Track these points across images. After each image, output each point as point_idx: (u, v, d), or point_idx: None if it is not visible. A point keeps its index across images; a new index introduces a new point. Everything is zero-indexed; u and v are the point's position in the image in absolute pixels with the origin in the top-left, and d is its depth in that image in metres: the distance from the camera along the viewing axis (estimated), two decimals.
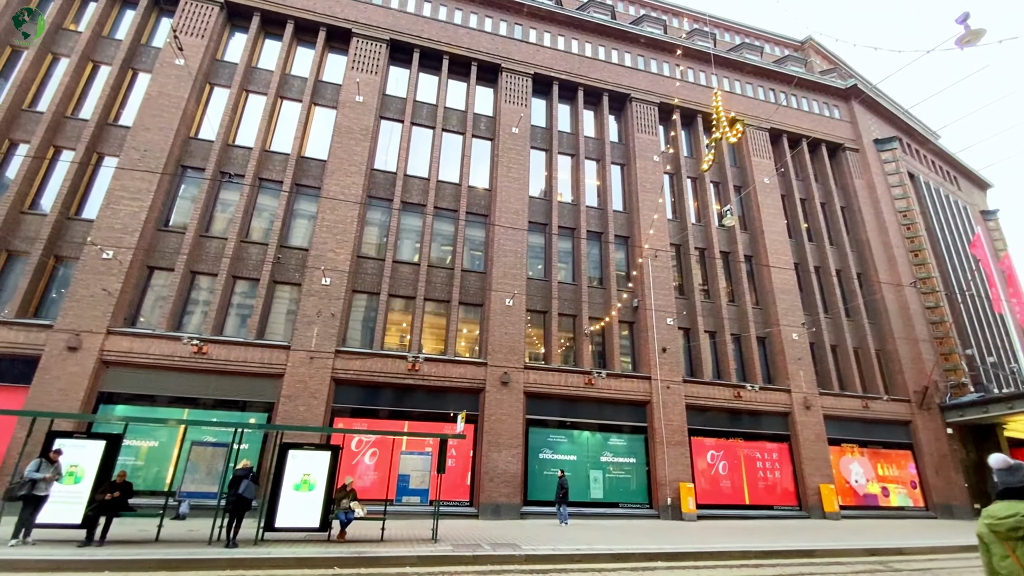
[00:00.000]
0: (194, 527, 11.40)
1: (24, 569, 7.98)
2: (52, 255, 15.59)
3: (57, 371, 14.04)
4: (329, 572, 8.63)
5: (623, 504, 17.47)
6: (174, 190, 17.31)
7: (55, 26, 17.89)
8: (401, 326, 17.93)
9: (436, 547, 10.45)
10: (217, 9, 19.17)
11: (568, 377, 18.04)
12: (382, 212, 18.99)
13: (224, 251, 16.65)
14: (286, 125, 19.13)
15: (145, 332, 15.12)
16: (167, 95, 17.61)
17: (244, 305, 16.77)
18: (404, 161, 19.51)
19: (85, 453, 10.22)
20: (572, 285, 19.97)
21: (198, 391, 15.22)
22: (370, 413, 16.46)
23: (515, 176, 20.23)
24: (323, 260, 16.96)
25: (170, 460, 14.05)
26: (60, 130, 16.94)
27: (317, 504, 10.83)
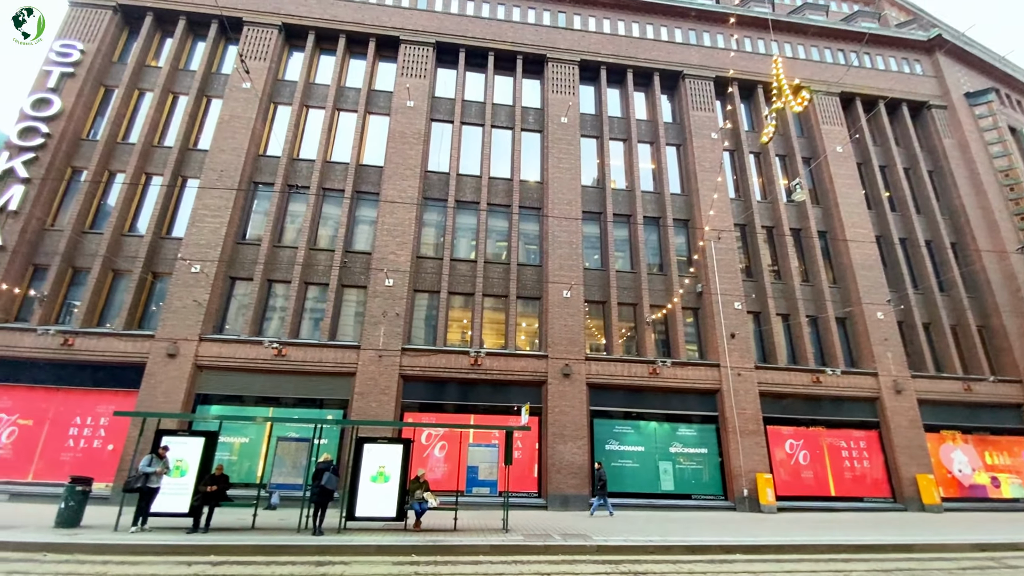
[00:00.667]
0: (284, 516, 12.31)
1: (144, 553, 8.97)
2: (150, 271, 17.28)
3: (160, 376, 15.59)
4: (407, 560, 9.04)
5: (696, 496, 16.97)
6: (248, 205, 18.62)
7: (139, 64, 19.71)
8: (462, 322, 18.34)
9: (508, 537, 10.66)
10: (276, 32, 20.36)
11: (631, 367, 17.73)
12: (437, 212, 19.47)
13: (295, 259, 17.73)
14: (344, 135, 20.03)
15: (231, 338, 16.44)
16: (237, 117, 18.95)
17: (316, 309, 17.79)
18: (456, 161, 19.87)
19: (188, 449, 11.30)
20: (631, 273, 19.56)
21: (280, 391, 16.37)
22: (437, 407, 16.99)
23: (566, 166, 20.05)
24: (385, 262, 17.65)
25: (260, 455, 15.24)
26: (149, 158, 18.69)
27: (393, 495, 11.36)
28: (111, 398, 15.55)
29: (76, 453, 15.13)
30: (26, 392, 15.53)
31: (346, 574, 7.95)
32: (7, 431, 15.09)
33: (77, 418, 15.44)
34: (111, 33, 19.71)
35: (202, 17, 20.38)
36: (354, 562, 8.76)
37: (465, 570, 8.40)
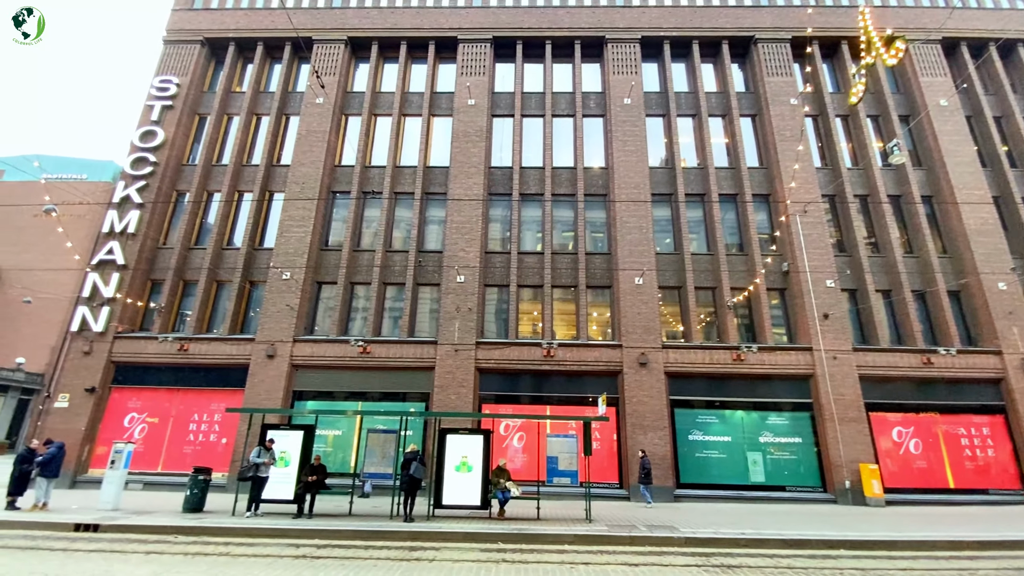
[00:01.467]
0: (377, 504, 13.04)
1: (258, 536, 9.87)
2: (247, 280, 18.88)
3: (261, 375, 17.03)
4: (494, 547, 9.25)
5: (791, 488, 15.95)
6: (329, 213, 19.79)
7: (225, 91, 21.50)
8: (532, 315, 18.41)
9: (591, 527, 10.61)
10: (343, 46, 21.39)
11: (713, 354, 16.93)
12: (502, 207, 19.63)
13: (374, 262, 18.63)
14: (411, 140, 20.70)
15: (321, 338, 17.61)
16: (313, 132, 20.18)
17: (395, 308, 18.61)
18: (518, 154, 19.90)
19: (289, 441, 12.27)
20: (707, 255, 18.65)
21: (366, 385, 17.31)
22: (513, 399, 17.21)
23: (632, 148, 19.44)
24: (456, 260, 18.08)
25: (352, 446, 16.24)
26: (240, 177, 20.38)
27: (476, 484, 11.66)
28: (222, 396, 17.22)
29: (196, 446, 16.93)
30: (152, 393, 17.58)
31: (437, 559, 8.27)
32: (139, 428, 17.18)
33: (195, 415, 17.26)
34: (200, 65, 21.66)
35: (276, 41, 21.86)
36: (444, 548, 9.11)
37: (551, 559, 8.46)
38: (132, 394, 17.56)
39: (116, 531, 9.90)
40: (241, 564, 7.75)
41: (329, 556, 8.34)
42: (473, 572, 7.52)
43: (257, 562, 7.89)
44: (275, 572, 7.28)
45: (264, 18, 22.07)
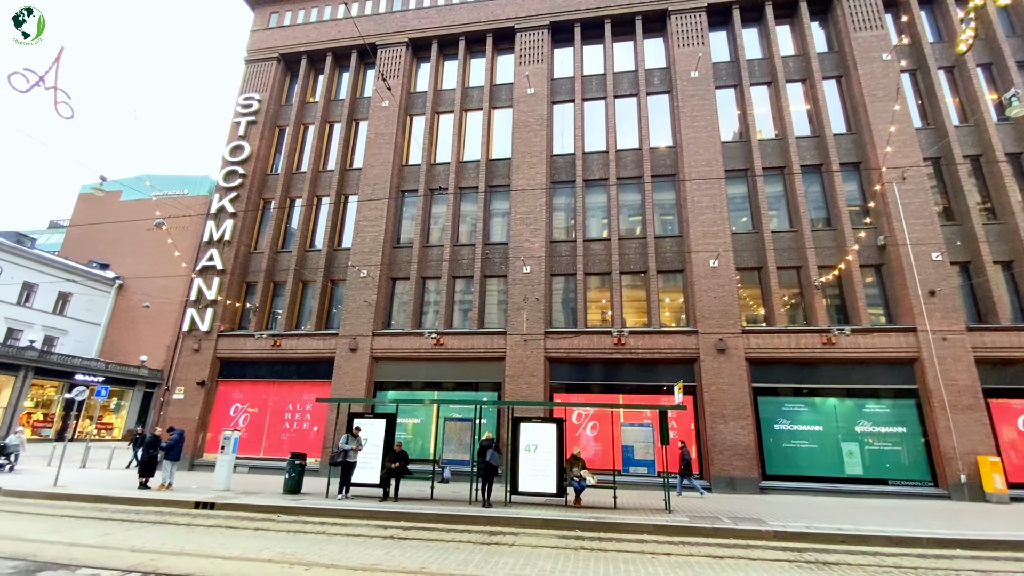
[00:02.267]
0: (456, 489, 13.51)
1: (349, 516, 10.56)
2: (329, 280, 20.12)
3: (346, 367, 18.13)
4: (572, 534, 9.28)
5: (894, 481, 14.62)
6: (399, 212, 20.57)
7: (301, 103, 22.90)
8: (600, 303, 18.12)
9: (672, 517, 10.35)
10: (405, 48, 22.03)
11: (799, 338, 15.82)
12: (566, 195, 19.41)
13: (442, 256, 19.18)
14: (473, 134, 20.98)
15: (397, 331, 18.43)
16: (381, 134, 21.01)
17: (464, 301, 19.06)
18: (580, 140, 19.56)
19: (373, 429, 12.98)
20: (790, 232, 17.39)
21: (440, 376, 17.93)
22: (584, 388, 17.10)
23: (701, 124, 18.47)
24: (521, 251, 18.17)
25: (430, 434, 16.91)
26: (318, 183, 21.68)
27: (551, 472, 11.74)
28: (312, 387, 18.55)
29: (291, 433, 18.40)
30: (251, 385, 19.29)
31: (516, 544, 8.44)
32: (243, 417, 18.92)
33: (289, 405, 18.74)
34: (277, 80, 23.20)
35: (344, 50, 22.92)
36: (522, 533, 9.27)
37: (630, 547, 8.36)
38: (235, 387, 19.37)
39: (229, 509, 11.01)
40: (337, 542, 8.34)
41: (415, 538, 8.76)
42: (552, 558, 7.60)
43: (351, 541, 8.46)
44: (367, 551, 7.77)
45: (331, 29, 23.19)
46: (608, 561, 7.56)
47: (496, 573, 6.71)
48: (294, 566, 6.75)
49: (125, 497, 11.77)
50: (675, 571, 7.08)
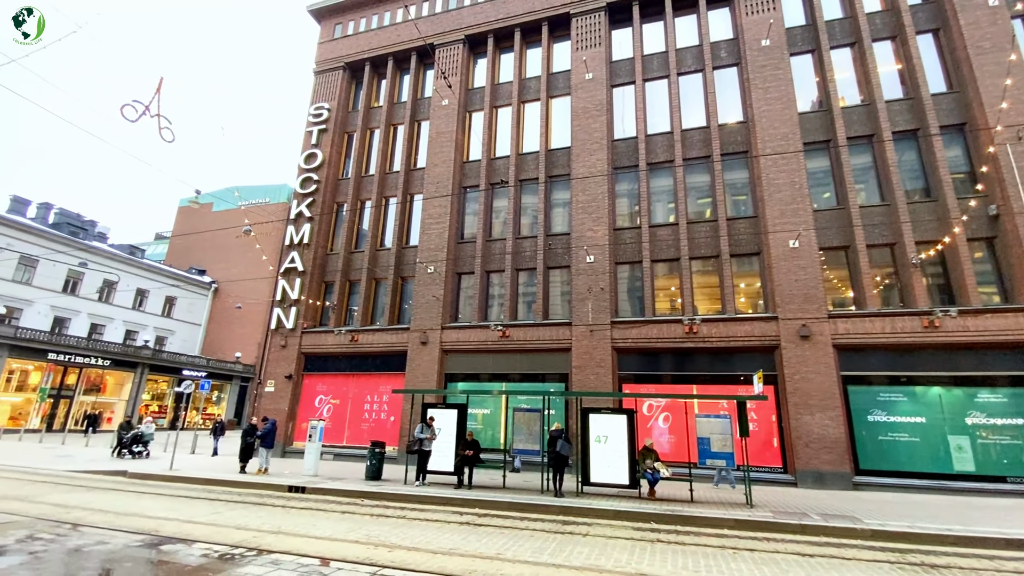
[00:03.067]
0: (527, 479, 13.67)
1: (427, 502, 11.00)
2: (399, 276, 20.94)
3: (418, 360, 18.83)
4: (647, 526, 9.11)
5: (1013, 479, 13.02)
6: (462, 208, 20.97)
7: (366, 108, 23.86)
8: (669, 290, 17.51)
9: (753, 512, 9.88)
10: (461, 46, 22.31)
11: (895, 322, 14.45)
12: (629, 181, 18.87)
13: (505, 249, 19.35)
14: (531, 126, 20.90)
15: (464, 325, 18.86)
16: (442, 133, 21.47)
17: (528, 293, 19.14)
18: (642, 122, 18.91)
19: (446, 419, 13.41)
20: (881, 206, 15.86)
21: (507, 367, 18.15)
22: (654, 378, 16.64)
23: (775, 95, 17.24)
24: (584, 240, 17.92)
25: (499, 424, 17.21)
26: (385, 184, 22.56)
27: (623, 463, 11.57)
28: (387, 379, 19.44)
29: (370, 423, 19.41)
30: (333, 378, 20.53)
31: (590, 534, 8.41)
32: (326, 408, 20.21)
33: (368, 396, 19.78)
34: (344, 88, 24.32)
35: (404, 53, 23.59)
36: (595, 524, 9.22)
37: (710, 542, 8.07)
38: (319, 379, 20.71)
39: (317, 493, 11.83)
40: (416, 526, 8.72)
41: (489, 524, 8.98)
42: (627, 550, 7.50)
43: (430, 525, 8.82)
44: (445, 536, 8.06)
45: (391, 34, 23.93)
46: (687, 555, 7.34)
47: (571, 562, 6.72)
48: (378, 548, 7.13)
49: (228, 480, 12.97)
50: (760, 568, 6.75)
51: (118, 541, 7.01)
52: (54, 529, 7.52)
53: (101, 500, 10.25)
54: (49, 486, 11.80)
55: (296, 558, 6.43)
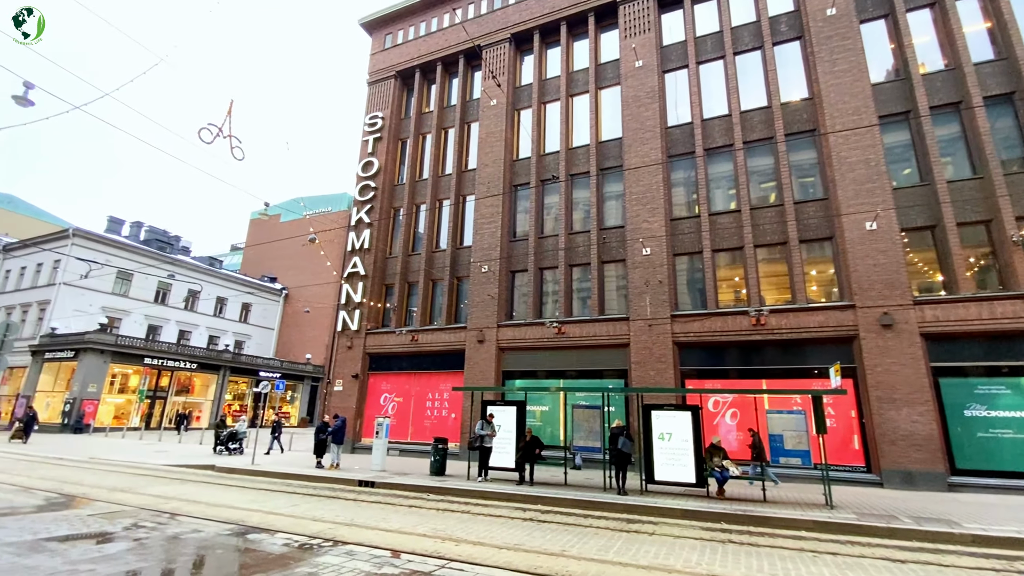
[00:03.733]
0: (589, 476, 13.54)
1: (490, 498, 11.14)
2: (455, 277, 21.35)
3: (475, 358, 19.12)
4: (717, 526, 8.77)
5: None
6: (513, 207, 21.06)
7: (418, 114, 24.46)
8: (733, 281, 16.74)
9: (834, 514, 9.27)
10: (508, 44, 22.37)
11: (993, 307, 13.07)
12: (685, 169, 18.20)
13: (557, 246, 19.24)
14: (580, 119, 20.64)
15: (520, 322, 18.95)
16: (491, 133, 21.65)
17: (582, 288, 18.94)
18: (698, 107, 18.18)
19: (505, 416, 13.52)
20: (972, 180, 14.39)
21: (564, 364, 18.05)
22: (719, 373, 15.99)
23: (844, 67, 16.05)
24: (639, 232, 17.49)
25: (559, 421, 17.13)
26: (438, 187, 23.06)
27: (688, 461, 11.20)
28: (446, 378, 19.88)
29: (432, 420, 19.93)
30: (396, 377, 21.25)
31: (656, 533, 8.21)
32: (391, 405, 20.95)
33: (429, 394, 20.32)
34: (396, 96, 25.05)
35: (451, 57, 23.98)
36: (661, 523, 8.98)
37: (787, 544, 7.65)
38: (383, 378, 21.51)
39: (385, 487, 12.30)
40: (481, 521, 8.86)
41: (552, 521, 8.97)
42: (697, 550, 7.25)
43: (494, 521, 8.93)
44: (509, 531, 8.14)
45: (439, 39, 24.39)
46: (761, 556, 7.00)
47: (638, 561, 6.59)
48: (445, 541, 7.31)
49: (304, 474, 13.74)
50: (844, 573, 6.32)
51: (210, 530, 7.60)
52: (155, 518, 8.27)
53: (194, 492, 11.17)
54: (149, 479, 13.00)
55: (369, 549, 6.71)
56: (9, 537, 6.71)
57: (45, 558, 5.85)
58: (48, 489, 10.77)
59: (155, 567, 5.83)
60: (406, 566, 6.03)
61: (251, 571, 5.72)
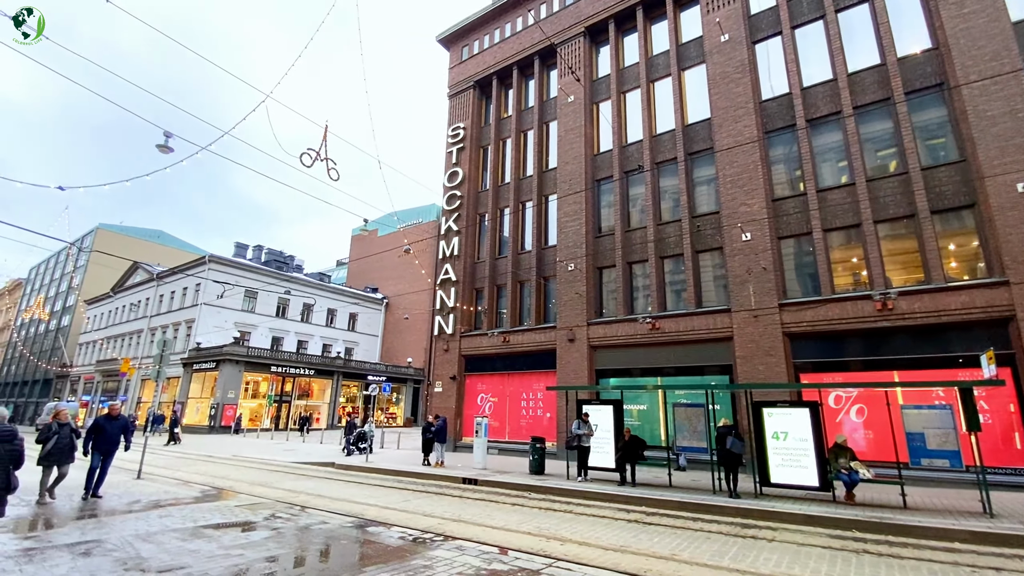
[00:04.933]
0: (696, 478, 12.90)
1: (591, 498, 11.02)
2: (541, 277, 21.45)
3: (567, 357, 19.05)
4: (848, 534, 7.94)
5: None
6: (596, 202, 20.70)
7: (497, 120, 24.95)
8: (850, 262, 15.07)
9: (995, 523, 7.99)
10: (582, 39, 22.07)
11: None
12: (785, 144, 16.72)
13: (646, 238, 18.58)
14: (663, 104, 19.77)
15: (610, 319, 18.57)
16: (570, 130, 21.47)
17: (675, 281, 18.11)
18: (796, 75, 16.63)
19: (602, 415, 13.33)
20: None
21: (660, 361, 17.35)
22: (839, 365, 14.46)
23: (974, 7, 13.77)
24: (736, 216, 16.38)
25: (658, 420, 16.53)
26: (520, 190, 23.33)
27: (809, 463, 10.28)
28: (539, 377, 20.02)
29: (528, 420, 20.17)
30: (490, 378, 21.79)
31: (777, 539, 7.60)
32: (487, 405, 21.52)
33: (523, 394, 20.59)
34: (475, 105, 25.75)
35: (526, 59, 24.17)
36: (782, 529, 8.31)
37: (936, 557, 6.72)
38: (478, 380, 22.17)
39: (488, 485, 12.64)
40: (584, 521, 8.80)
41: (659, 524, 8.66)
42: (825, 560, 6.61)
43: (597, 521, 8.82)
44: (614, 532, 7.99)
45: (513, 44, 24.69)
46: (906, 570, 6.21)
47: (758, 568, 6.14)
48: (550, 540, 7.35)
49: (412, 472, 14.55)
50: None
51: (334, 522, 8.30)
52: (288, 510, 9.21)
53: (318, 487, 12.28)
54: (280, 474, 14.51)
55: (477, 545, 6.93)
56: (175, 524, 7.83)
57: (204, 543, 6.75)
58: (202, 483, 12.43)
59: (290, 554, 6.48)
60: (514, 563, 6.14)
61: (372, 561, 6.16)
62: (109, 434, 9.99)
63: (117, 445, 10.14)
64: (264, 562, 6.00)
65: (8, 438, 6.92)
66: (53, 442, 8.94)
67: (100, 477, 9.91)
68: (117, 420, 10.26)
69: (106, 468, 10.06)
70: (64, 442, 9.05)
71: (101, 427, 9.96)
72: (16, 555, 5.99)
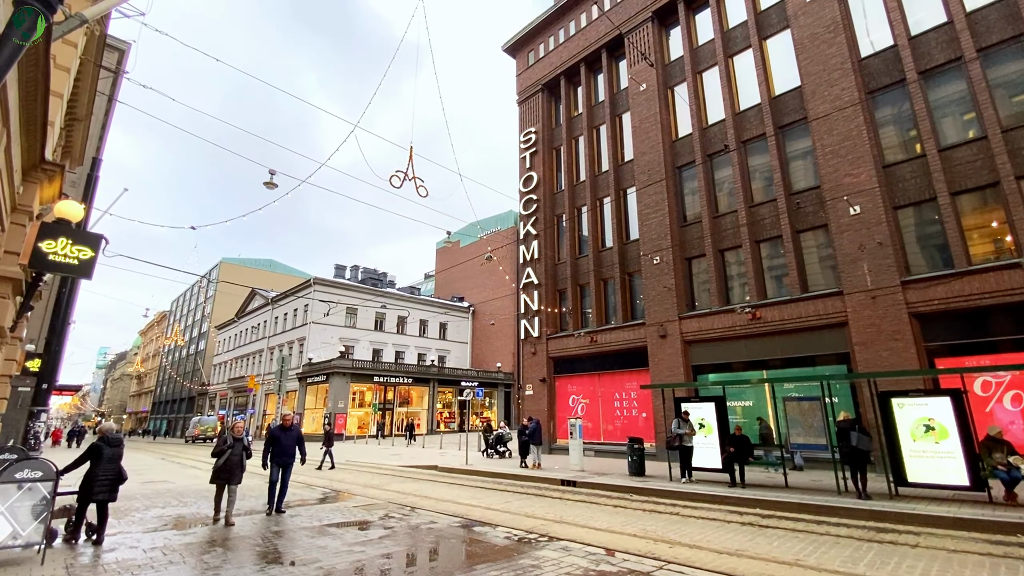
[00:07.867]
0: (814, 477, 11.83)
1: (698, 500, 10.50)
2: (625, 273, 20.91)
3: (659, 355, 18.36)
4: (1010, 539, 6.87)
5: None
6: (679, 190, 19.81)
7: (567, 120, 24.81)
8: (988, 227, 13.04)
9: None
10: (650, 24, 21.32)
11: None
12: (892, 103, 14.91)
13: (737, 222, 17.44)
14: (745, 78, 18.50)
15: (704, 312, 17.64)
16: (645, 119, 20.78)
17: (774, 265, 16.80)
18: (901, 23, 14.80)
19: (703, 412, 12.68)
20: None
21: (763, 353, 16.15)
22: (985, 347, 12.53)
23: None
24: (840, 189, 14.87)
25: (766, 416, 15.36)
26: (596, 187, 22.96)
27: (956, 458, 9.03)
28: (631, 376, 19.49)
29: (622, 420, 19.69)
30: (580, 378, 21.59)
31: (920, 545, 6.75)
32: (579, 406, 21.33)
33: (615, 394, 20.16)
34: (544, 108, 25.80)
35: (593, 54, 23.83)
36: (925, 533, 7.36)
37: None
38: (568, 381, 22.06)
39: (587, 487, 12.50)
40: (692, 524, 8.40)
41: (777, 527, 8.04)
42: (987, 567, 5.75)
43: (706, 524, 8.38)
44: (726, 535, 7.54)
45: (578, 41, 24.46)
46: None
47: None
48: (658, 543, 7.10)
49: (511, 474, 14.78)
50: None
51: (443, 522, 8.66)
52: (399, 510, 9.75)
53: (425, 488, 12.89)
54: (389, 477, 15.41)
55: (582, 546, 6.87)
56: (304, 523, 8.60)
57: (329, 540, 7.34)
58: (323, 486, 13.54)
59: (404, 551, 6.85)
60: (623, 564, 6.01)
61: (481, 560, 6.33)
62: (284, 445, 9.50)
63: (293, 457, 9.65)
64: (382, 559, 6.40)
65: (117, 444, 7.81)
66: (226, 456, 8.47)
67: (282, 491, 9.47)
68: (291, 430, 9.74)
69: (286, 482, 9.57)
70: (235, 458, 8.55)
71: (276, 438, 9.45)
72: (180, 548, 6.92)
